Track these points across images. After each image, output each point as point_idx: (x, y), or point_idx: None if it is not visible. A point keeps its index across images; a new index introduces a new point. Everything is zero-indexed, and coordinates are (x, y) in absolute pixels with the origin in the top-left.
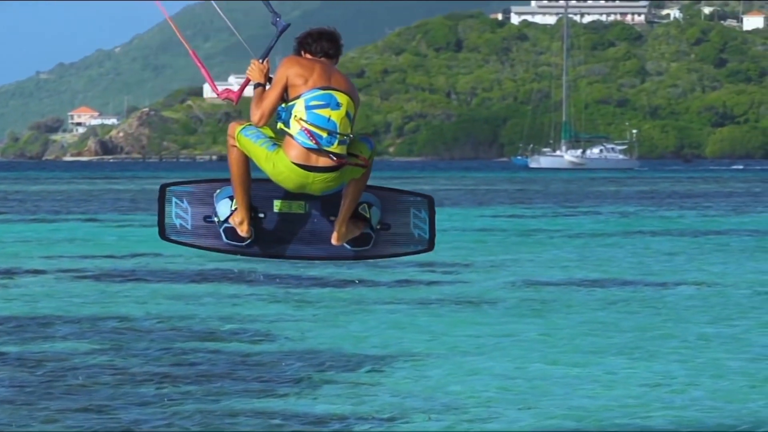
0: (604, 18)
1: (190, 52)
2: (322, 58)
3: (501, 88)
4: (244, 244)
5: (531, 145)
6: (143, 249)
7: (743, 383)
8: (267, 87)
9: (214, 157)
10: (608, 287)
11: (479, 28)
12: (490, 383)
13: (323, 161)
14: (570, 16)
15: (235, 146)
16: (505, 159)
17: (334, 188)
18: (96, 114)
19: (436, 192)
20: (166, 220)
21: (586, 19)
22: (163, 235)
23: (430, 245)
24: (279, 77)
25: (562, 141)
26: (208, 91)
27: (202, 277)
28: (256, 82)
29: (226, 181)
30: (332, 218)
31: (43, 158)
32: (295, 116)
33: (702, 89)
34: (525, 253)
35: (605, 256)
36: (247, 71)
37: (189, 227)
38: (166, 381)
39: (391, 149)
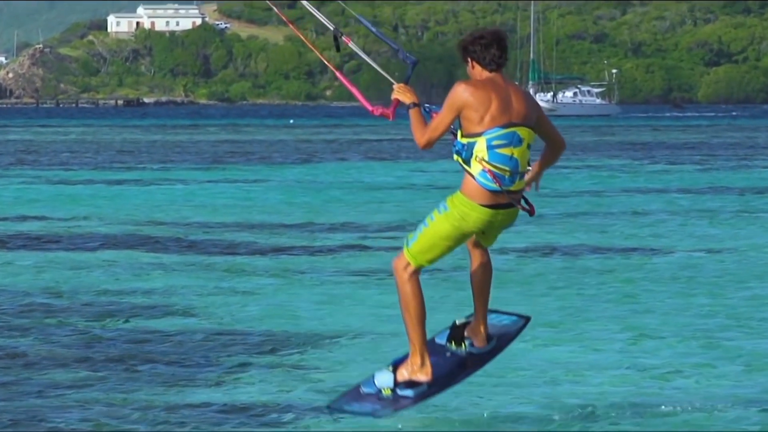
0: None
1: (334, 69)
2: (495, 75)
3: (457, 20)
4: (427, 388)
5: None
6: (44, 210)
7: (739, 364)
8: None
9: (120, 102)
10: (593, 255)
11: None
12: None
13: (505, 198)
14: None
15: (411, 278)
16: None
17: (512, 222)
18: None
19: (381, 143)
20: (362, 412)
21: None
22: (378, 416)
23: (525, 318)
24: (452, 106)
25: (530, 83)
26: (112, 24)
27: (114, 242)
28: (411, 102)
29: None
30: (448, 354)
31: None
32: (477, 156)
33: (693, 22)
34: None
35: (590, 218)
36: (394, 94)
37: (379, 407)
38: (72, 365)
39: (328, 93)
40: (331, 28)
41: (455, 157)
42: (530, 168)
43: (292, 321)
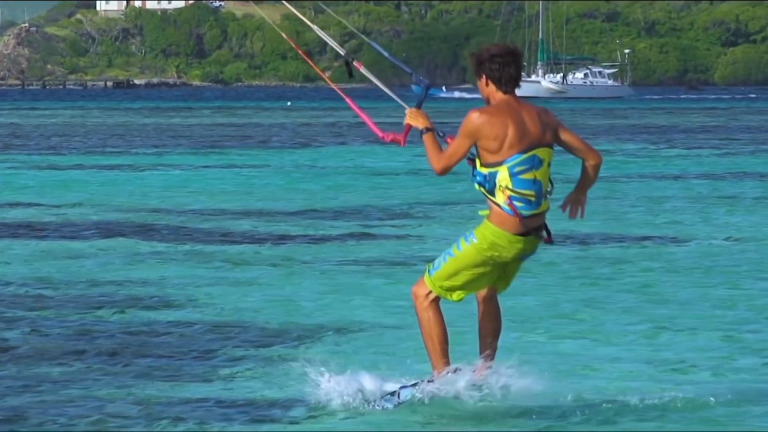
0: None
1: (343, 95)
2: (509, 96)
3: None
4: None
5: None
6: (33, 197)
7: (760, 357)
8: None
9: (109, 84)
10: (608, 243)
11: None
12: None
13: (534, 222)
14: None
15: (431, 305)
16: (468, 85)
17: (536, 248)
18: None
19: (384, 126)
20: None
21: None
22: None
23: None
24: (468, 134)
25: (539, 63)
26: (102, 2)
27: (107, 230)
28: (424, 127)
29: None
30: None
31: None
32: (500, 185)
33: (710, 0)
34: None
35: (604, 205)
36: (407, 119)
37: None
38: (64, 358)
39: (327, 74)
40: (343, 54)
41: (477, 187)
42: (551, 190)
43: (294, 312)
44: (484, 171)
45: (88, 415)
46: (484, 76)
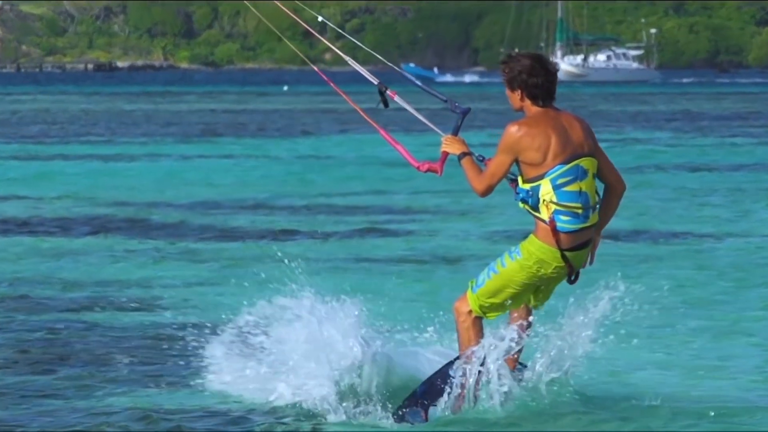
0: None
1: (378, 129)
2: (548, 110)
3: None
4: None
5: (515, 50)
6: (10, 189)
7: None
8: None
9: (90, 66)
10: (635, 240)
11: None
12: None
13: (581, 236)
14: None
15: (474, 324)
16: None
17: (583, 262)
18: None
19: (390, 112)
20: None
21: None
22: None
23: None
24: (508, 149)
25: (558, 44)
26: None
27: (91, 226)
28: (461, 152)
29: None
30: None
31: None
32: (544, 200)
33: None
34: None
35: (630, 199)
36: (443, 146)
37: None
38: (45, 364)
39: (327, 56)
40: (375, 83)
41: (521, 205)
42: (599, 202)
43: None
44: (526, 187)
45: (75, 425)
46: (519, 91)
